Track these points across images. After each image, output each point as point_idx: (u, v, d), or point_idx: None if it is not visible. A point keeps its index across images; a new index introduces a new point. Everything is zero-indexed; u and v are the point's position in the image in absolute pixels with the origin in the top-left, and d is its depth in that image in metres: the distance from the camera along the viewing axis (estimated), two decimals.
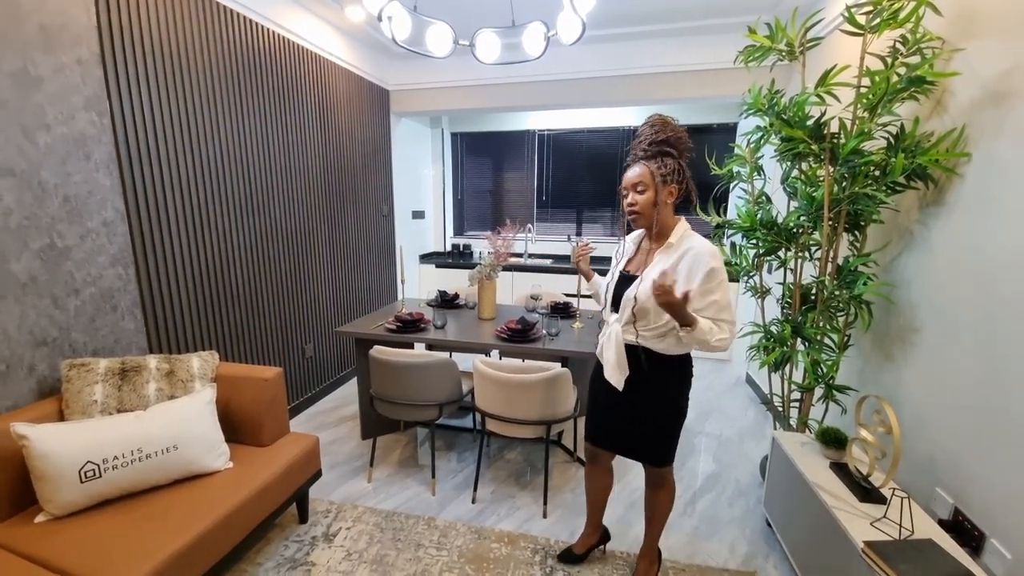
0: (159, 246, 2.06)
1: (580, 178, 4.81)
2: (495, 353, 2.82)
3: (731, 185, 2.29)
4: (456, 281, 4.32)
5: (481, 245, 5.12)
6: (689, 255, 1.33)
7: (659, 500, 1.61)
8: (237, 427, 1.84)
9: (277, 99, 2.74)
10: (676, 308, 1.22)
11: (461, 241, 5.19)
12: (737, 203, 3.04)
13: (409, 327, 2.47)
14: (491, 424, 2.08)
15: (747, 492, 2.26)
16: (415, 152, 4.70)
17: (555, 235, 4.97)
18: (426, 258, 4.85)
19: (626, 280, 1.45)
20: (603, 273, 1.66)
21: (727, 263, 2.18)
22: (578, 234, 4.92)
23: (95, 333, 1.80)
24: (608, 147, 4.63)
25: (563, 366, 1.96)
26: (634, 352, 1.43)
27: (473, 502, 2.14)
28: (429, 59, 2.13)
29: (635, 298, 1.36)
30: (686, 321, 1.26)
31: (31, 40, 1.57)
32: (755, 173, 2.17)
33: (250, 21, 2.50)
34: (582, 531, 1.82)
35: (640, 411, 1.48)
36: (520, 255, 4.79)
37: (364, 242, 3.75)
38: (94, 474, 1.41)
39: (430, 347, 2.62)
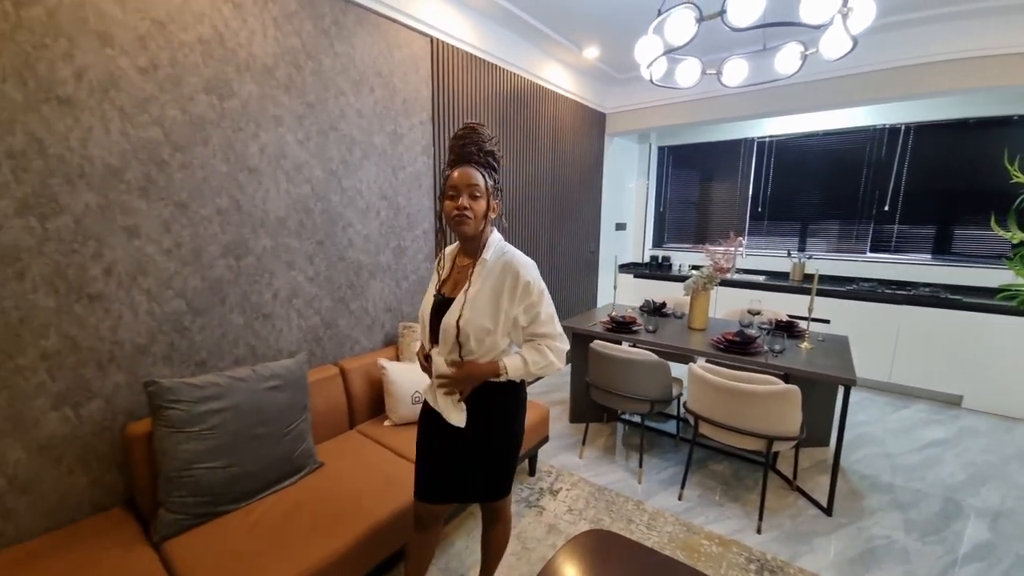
0: None
1: (807, 187, 4.33)
2: (700, 362, 2.85)
3: None
4: (653, 291, 4.42)
5: (681, 257, 5.07)
6: (508, 270, 1.27)
7: (498, 534, 1.52)
8: None
9: (526, 133, 3.36)
10: (473, 382, 1.24)
11: (659, 253, 5.24)
12: None
13: (622, 328, 2.73)
14: (705, 428, 2.16)
15: None
16: (622, 167, 4.98)
17: (769, 250, 4.58)
18: (624, 268, 5.06)
19: (444, 304, 1.30)
20: None
21: None
22: (801, 249, 4.42)
23: (414, 307, 2.60)
24: (851, 151, 4.06)
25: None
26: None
27: (679, 499, 2.26)
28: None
29: (456, 325, 1.23)
30: (494, 375, 1.25)
31: (398, 110, 2.40)
32: None
33: (513, 74, 3.16)
34: None
35: (478, 446, 1.33)
36: (727, 270, 4.59)
37: (573, 251, 4.19)
38: (418, 399, 2.08)
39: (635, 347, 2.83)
